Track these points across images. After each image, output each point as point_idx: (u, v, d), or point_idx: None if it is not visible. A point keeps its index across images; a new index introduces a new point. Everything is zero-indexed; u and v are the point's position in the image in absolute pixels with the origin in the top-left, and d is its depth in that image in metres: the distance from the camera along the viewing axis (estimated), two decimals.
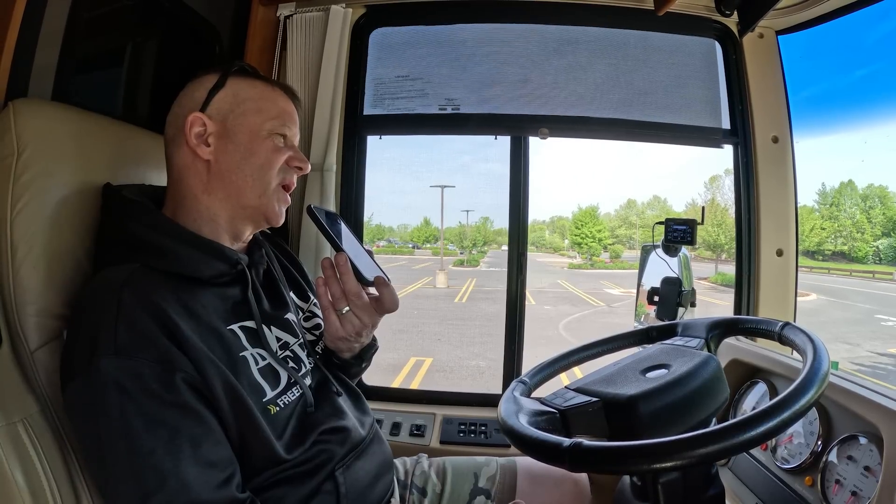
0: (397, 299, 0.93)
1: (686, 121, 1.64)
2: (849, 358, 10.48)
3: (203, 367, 0.72)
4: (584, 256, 30.19)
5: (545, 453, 0.60)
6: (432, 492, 1.09)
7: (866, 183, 28.15)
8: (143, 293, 0.73)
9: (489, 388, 6.06)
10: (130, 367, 0.68)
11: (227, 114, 0.88)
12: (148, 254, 0.79)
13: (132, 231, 0.81)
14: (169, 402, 0.69)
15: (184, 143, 0.87)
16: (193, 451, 0.69)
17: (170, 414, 0.69)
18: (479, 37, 1.67)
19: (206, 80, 0.90)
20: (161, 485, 0.66)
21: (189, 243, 0.82)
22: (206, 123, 0.87)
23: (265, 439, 0.77)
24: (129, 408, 0.67)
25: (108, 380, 0.67)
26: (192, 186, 0.87)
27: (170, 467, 0.67)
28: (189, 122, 0.86)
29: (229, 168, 0.87)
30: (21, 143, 0.79)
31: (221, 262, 0.84)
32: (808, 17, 1.51)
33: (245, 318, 0.85)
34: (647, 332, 0.97)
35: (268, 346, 0.85)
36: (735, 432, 0.53)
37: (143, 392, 0.68)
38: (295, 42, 1.54)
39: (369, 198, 1.71)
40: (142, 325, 0.70)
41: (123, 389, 0.67)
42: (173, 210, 0.88)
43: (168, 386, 0.69)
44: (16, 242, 0.78)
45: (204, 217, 0.87)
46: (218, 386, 0.73)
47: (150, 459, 0.66)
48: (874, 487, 0.76)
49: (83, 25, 1.03)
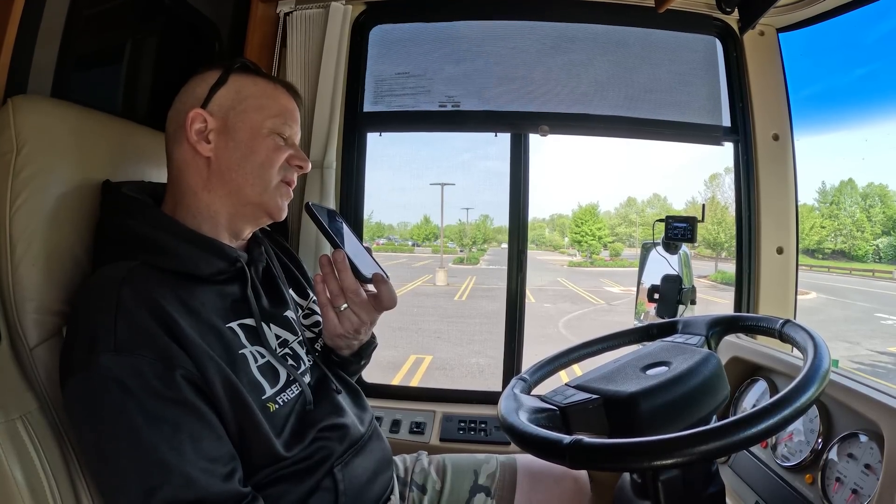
0: (395, 296, 0.93)
1: (686, 118, 1.64)
2: (848, 356, 10.49)
3: (203, 364, 0.72)
4: (584, 254, 30.18)
5: (545, 450, 0.60)
6: (432, 489, 1.09)
7: (866, 181, 28.17)
8: (143, 290, 0.73)
9: (489, 385, 6.06)
10: (131, 363, 0.68)
11: (228, 110, 0.88)
12: (147, 251, 0.79)
13: (131, 228, 0.81)
14: (170, 399, 0.69)
15: (184, 139, 0.86)
16: (195, 447, 0.69)
17: (171, 410, 0.69)
18: (480, 34, 1.67)
19: (207, 77, 0.90)
20: (165, 479, 0.66)
21: (188, 240, 0.82)
22: (207, 120, 0.86)
23: (264, 437, 0.77)
24: (129, 404, 0.67)
25: (109, 376, 0.67)
26: (192, 183, 0.87)
27: (174, 462, 0.67)
28: (190, 119, 0.85)
29: (230, 165, 0.87)
30: (20, 140, 0.78)
31: (221, 259, 0.83)
32: (809, 14, 1.50)
33: (244, 315, 0.85)
34: (647, 329, 0.97)
35: (267, 343, 0.85)
36: (735, 430, 0.53)
37: (143, 389, 0.68)
38: (295, 39, 1.54)
39: (369, 195, 1.71)
40: (141, 321, 0.70)
41: (124, 386, 0.67)
42: (173, 207, 0.88)
43: (168, 382, 0.69)
44: (15, 239, 0.77)
45: (204, 214, 0.87)
46: (217, 383, 0.73)
47: (154, 455, 0.66)
48: (875, 485, 0.76)
49: (82, 22, 1.03)
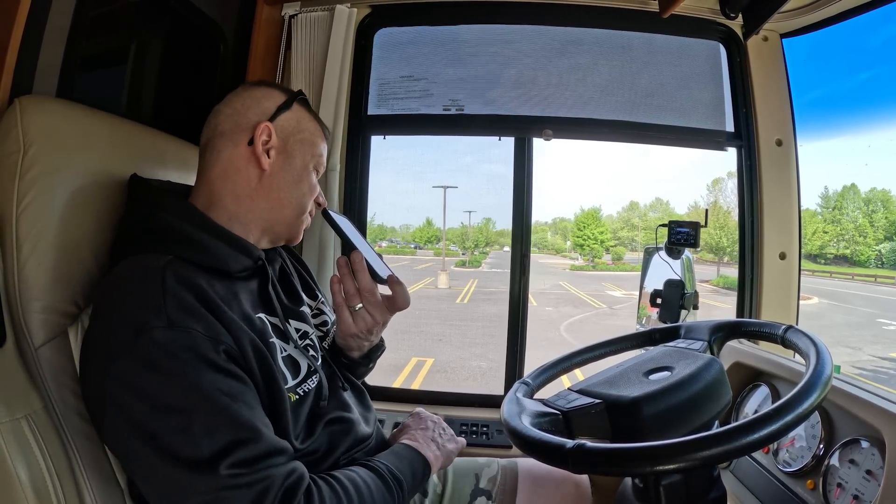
0: (409, 297, 0.95)
1: (690, 123, 1.64)
2: (850, 362, 10.46)
3: (243, 345, 0.74)
4: (586, 258, 30.20)
5: (548, 454, 0.60)
6: (433, 492, 1.08)
7: (869, 186, 28.14)
8: (184, 277, 0.74)
9: (490, 389, 6.05)
10: (185, 336, 0.68)
11: (288, 135, 0.91)
12: (180, 245, 0.80)
13: (164, 222, 0.81)
14: (224, 370, 0.70)
15: (244, 143, 0.88)
16: (252, 411, 0.71)
17: (227, 380, 0.70)
18: (484, 37, 1.68)
19: (272, 94, 0.93)
20: (241, 433, 0.67)
21: (219, 238, 0.83)
22: (272, 136, 0.89)
23: (284, 426, 0.78)
24: (190, 371, 0.67)
25: (168, 348, 0.67)
26: (238, 187, 0.88)
27: (246, 416, 0.69)
28: (260, 129, 0.88)
29: (280, 185, 0.90)
30: (27, 140, 0.79)
31: (246, 256, 0.85)
32: (813, 20, 1.51)
33: (267, 310, 0.86)
34: (650, 334, 0.97)
35: (290, 336, 0.86)
36: (738, 435, 0.53)
37: (200, 358, 0.68)
38: (299, 41, 1.55)
39: (372, 198, 1.71)
40: (188, 301, 0.71)
41: (184, 355, 0.67)
42: (207, 205, 0.88)
43: (220, 355, 0.70)
44: (21, 239, 0.78)
45: (240, 219, 0.88)
46: (255, 366, 0.75)
47: (227, 414, 0.67)
48: (876, 491, 0.76)
49: (88, 23, 1.03)
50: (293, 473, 0.71)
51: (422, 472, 0.92)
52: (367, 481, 0.81)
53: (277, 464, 0.70)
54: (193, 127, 0.96)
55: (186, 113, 1.23)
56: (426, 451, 0.95)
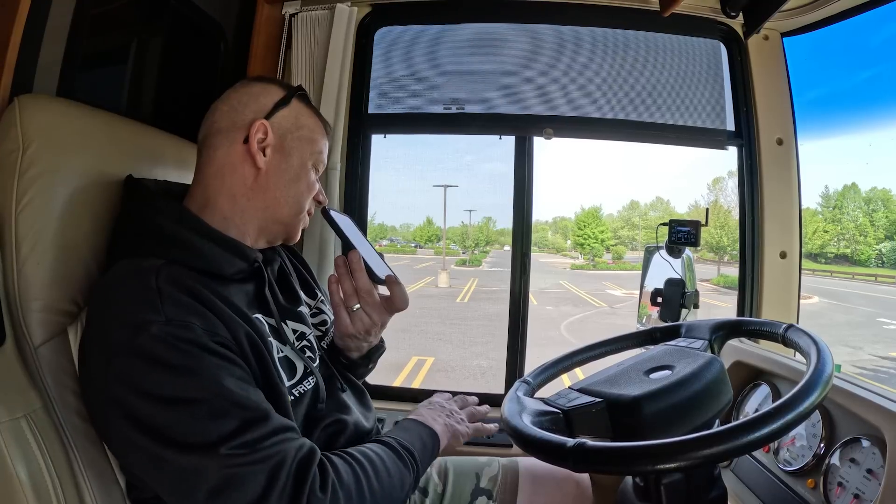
0: (408, 298, 0.94)
1: (690, 122, 1.64)
2: (851, 361, 10.47)
3: (240, 340, 0.74)
4: (587, 257, 30.19)
5: (549, 453, 0.60)
6: (434, 492, 1.08)
7: (870, 186, 28.13)
8: (178, 279, 0.73)
9: (491, 388, 6.05)
10: (184, 331, 0.68)
11: (286, 132, 0.90)
12: (175, 248, 0.79)
13: (159, 225, 0.81)
14: (226, 357, 0.71)
15: (239, 141, 0.87)
16: (257, 394, 0.72)
17: (229, 366, 0.70)
18: (485, 36, 1.67)
19: (270, 90, 0.92)
20: (249, 414, 0.68)
21: (213, 241, 0.82)
22: (269, 133, 0.88)
23: None
24: (192, 361, 0.67)
25: (168, 340, 0.67)
26: (234, 186, 0.87)
27: (252, 400, 0.69)
28: (256, 127, 0.87)
29: (276, 184, 0.89)
30: (26, 139, 0.78)
31: (241, 259, 0.84)
32: (814, 19, 1.51)
33: (263, 311, 0.86)
34: (650, 333, 0.97)
35: (286, 337, 0.86)
36: (739, 434, 0.53)
37: (200, 348, 0.68)
38: (300, 40, 1.55)
39: (372, 196, 1.71)
40: (184, 300, 0.71)
41: (182, 349, 0.67)
42: (201, 206, 0.87)
43: (219, 346, 0.71)
44: (20, 238, 0.78)
45: (235, 220, 0.87)
46: (254, 363, 0.75)
47: (233, 397, 0.67)
48: (877, 490, 0.76)
49: (88, 22, 1.03)
50: (304, 447, 0.71)
51: (431, 442, 0.92)
52: (378, 454, 0.81)
53: (289, 439, 0.70)
54: (194, 126, 0.95)
55: (187, 112, 1.22)
56: (433, 424, 0.95)
